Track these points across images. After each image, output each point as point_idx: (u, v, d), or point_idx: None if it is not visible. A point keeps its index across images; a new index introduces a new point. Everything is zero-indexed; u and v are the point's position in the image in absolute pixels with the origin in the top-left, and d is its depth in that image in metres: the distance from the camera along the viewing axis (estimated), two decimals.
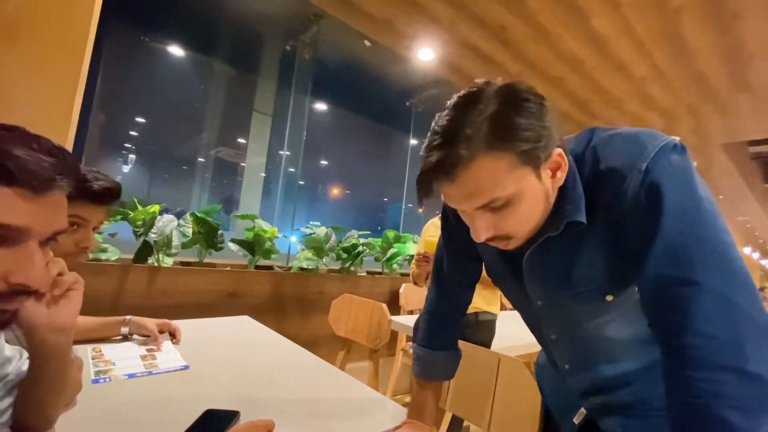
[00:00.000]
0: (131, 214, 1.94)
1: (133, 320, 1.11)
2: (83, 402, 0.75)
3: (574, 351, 0.70)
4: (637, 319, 0.62)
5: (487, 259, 0.76)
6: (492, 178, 0.49)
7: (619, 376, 0.67)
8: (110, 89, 5.05)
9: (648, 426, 0.65)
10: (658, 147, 0.50)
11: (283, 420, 0.79)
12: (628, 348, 0.66)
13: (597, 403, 0.70)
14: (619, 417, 0.68)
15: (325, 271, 2.80)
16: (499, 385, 1.03)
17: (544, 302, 0.66)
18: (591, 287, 0.59)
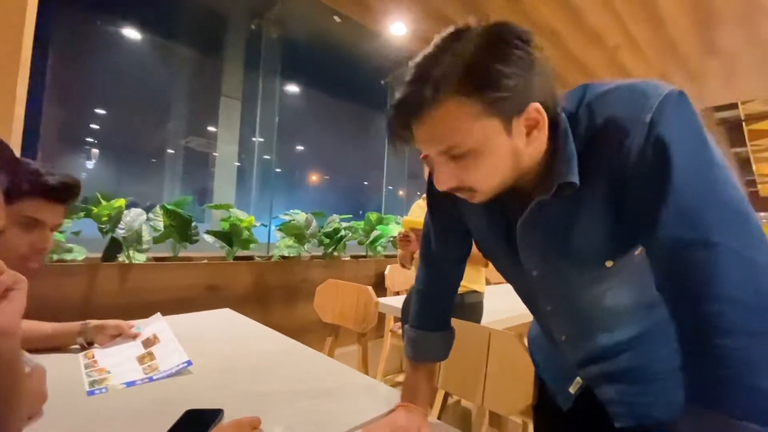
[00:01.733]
0: (95, 210, 1.82)
1: (91, 326, 1.01)
2: (79, 417, 0.70)
3: (571, 322, 0.68)
4: (636, 286, 0.60)
5: (478, 232, 0.73)
6: (455, 124, 0.46)
7: (617, 344, 0.66)
8: (63, 79, 4.71)
9: (646, 390, 0.65)
10: (662, 96, 0.45)
11: (274, 412, 0.75)
12: (627, 315, 0.64)
13: (594, 372, 0.69)
14: (617, 384, 0.67)
15: (308, 257, 2.74)
16: (491, 359, 1.02)
17: (540, 272, 0.63)
18: (589, 254, 0.56)
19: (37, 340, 0.96)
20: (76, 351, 0.98)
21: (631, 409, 0.65)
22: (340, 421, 0.73)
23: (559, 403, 0.75)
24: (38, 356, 0.93)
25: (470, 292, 1.59)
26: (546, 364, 0.82)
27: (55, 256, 1.85)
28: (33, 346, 0.95)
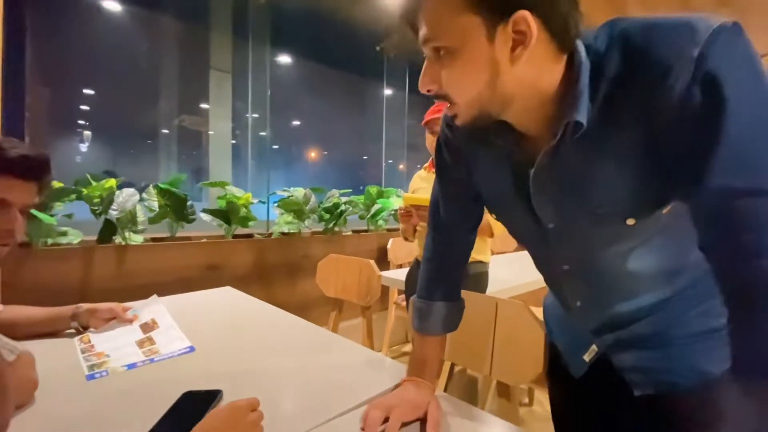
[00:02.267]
0: (85, 192, 1.76)
1: (83, 309, 0.98)
2: (78, 402, 0.67)
3: (587, 285, 0.63)
4: (661, 249, 0.55)
5: (489, 188, 0.67)
6: (437, 16, 0.46)
7: (637, 310, 0.61)
8: (45, 60, 4.53)
9: (666, 356, 0.61)
10: (713, 28, 0.39)
11: (277, 391, 0.73)
12: (649, 281, 0.59)
13: (611, 340, 0.65)
14: (633, 350, 0.63)
15: (308, 233, 2.70)
16: (498, 329, 0.99)
17: (556, 224, 0.57)
18: (610, 207, 0.51)
19: (28, 326, 0.93)
20: (71, 336, 0.95)
21: (649, 377, 0.62)
22: (344, 398, 0.71)
23: (571, 371, 0.73)
24: (31, 342, 0.91)
25: (475, 262, 1.56)
26: (560, 331, 0.79)
27: (49, 240, 1.81)
28: (24, 332, 0.92)
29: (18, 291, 1.55)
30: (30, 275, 1.60)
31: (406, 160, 5.61)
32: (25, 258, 1.60)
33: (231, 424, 0.52)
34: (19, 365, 0.67)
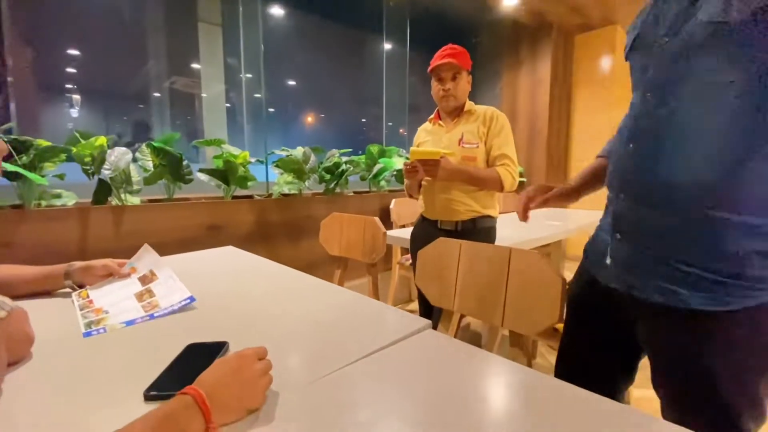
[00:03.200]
0: (75, 150, 1.69)
1: (76, 267, 0.93)
2: (75, 359, 0.65)
3: (664, 129, 0.63)
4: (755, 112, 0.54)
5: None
6: None
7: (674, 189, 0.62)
8: (23, 20, 4.27)
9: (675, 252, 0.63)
10: None
11: (284, 344, 0.69)
12: (720, 144, 0.57)
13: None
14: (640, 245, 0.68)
15: (309, 194, 2.65)
16: (511, 279, 0.95)
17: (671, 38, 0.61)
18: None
19: (21, 285, 0.90)
20: (68, 294, 0.92)
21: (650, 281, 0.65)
22: (352, 348, 0.68)
23: (594, 273, 0.79)
24: (27, 301, 0.88)
25: (483, 216, 1.51)
26: (594, 240, 0.83)
27: (43, 202, 1.76)
28: (18, 291, 0.89)
29: (13, 253, 1.52)
30: (24, 237, 1.56)
31: (407, 124, 5.45)
32: (18, 219, 1.55)
33: (239, 371, 0.49)
34: (11, 321, 0.63)
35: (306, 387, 0.57)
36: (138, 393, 0.53)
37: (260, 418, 0.49)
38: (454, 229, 1.50)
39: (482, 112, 1.51)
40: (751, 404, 0.62)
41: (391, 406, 0.52)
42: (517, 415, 0.50)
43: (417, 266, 1.16)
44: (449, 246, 1.10)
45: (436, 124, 1.60)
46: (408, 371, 0.61)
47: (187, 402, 0.44)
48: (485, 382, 0.60)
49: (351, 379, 0.59)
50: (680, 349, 0.65)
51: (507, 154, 1.47)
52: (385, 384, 0.58)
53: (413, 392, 0.55)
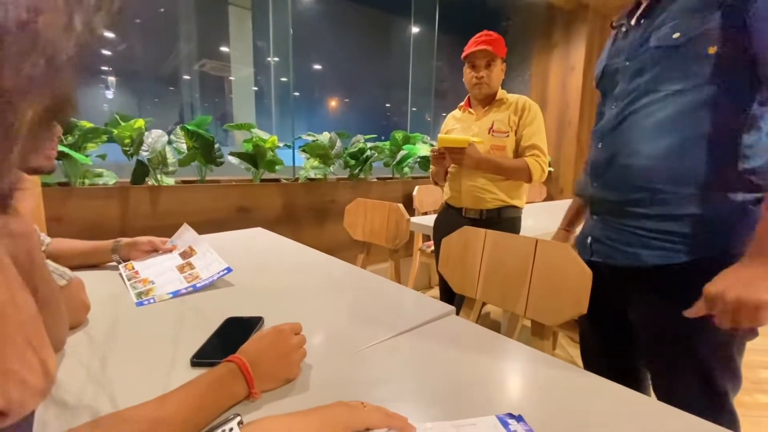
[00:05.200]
0: (115, 132, 1.77)
1: (123, 243, 1.01)
2: (129, 326, 0.71)
3: (624, 130, 0.82)
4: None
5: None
6: None
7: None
8: None
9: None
10: None
11: (315, 321, 0.74)
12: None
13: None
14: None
15: (334, 179, 2.68)
16: (536, 269, 0.96)
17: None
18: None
19: (73, 257, 0.97)
20: (115, 268, 0.99)
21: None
22: (380, 329, 0.71)
23: (582, 256, 0.90)
24: (78, 272, 0.95)
25: (510, 206, 1.50)
26: (582, 230, 1.01)
27: (86, 181, 1.86)
28: (70, 263, 0.96)
29: (63, 227, 1.63)
30: (72, 213, 1.67)
31: (432, 110, 5.37)
32: (66, 196, 1.66)
33: (276, 345, 0.53)
34: (70, 289, 0.69)
35: (336, 362, 0.60)
36: (185, 359, 0.58)
37: (296, 388, 0.53)
38: (478, 218, 1.50)
39: (514, 101, 1.48)
40: (722, 361, 0.73)
41: (415, 385, 0.55)
42: (540, 401, 0.52)
43: (441, 253, 1.18)
44: (474, 234, 1.11)
45: (466, 111, 1.59)
46: (432, 354, 0.64)
47: (232, 369, 0.48)
48: (508, 368, 0.62)
49: (378, 358, 0.62)
50: (651, 308, 0.81)
51: (537, 145, 1.44)
52: (409, 364, 0.61)
53: (437, 374, 0.58)
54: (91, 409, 0.38)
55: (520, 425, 0.44)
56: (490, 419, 0.45)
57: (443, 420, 0.45)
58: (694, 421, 0.48)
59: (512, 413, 0.46)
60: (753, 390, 1.74)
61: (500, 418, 0.45)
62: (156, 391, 0.42)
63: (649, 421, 0.48)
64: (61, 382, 0.53)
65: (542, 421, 0.46)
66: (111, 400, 0.40)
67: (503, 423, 0.44)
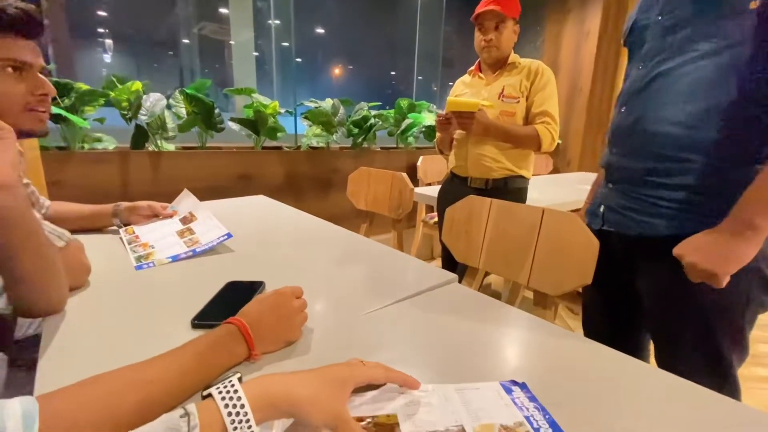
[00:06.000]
0: (113, 94, 1.73)
1: (123, 207, 1.00)
2: (129, 289, 0.71)
3: (649, 92, 0.77)
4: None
5: None
6: None
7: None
8: None
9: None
10: None
11: (317, 286, 0.73)
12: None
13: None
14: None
15: (336, 148, 2.64)
16: (541, 239, 0.94)
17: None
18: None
19: (74, 221, 0.96)
20: (115, 232, 0.99)
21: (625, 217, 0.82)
22: (382, 295, 0.71)
23: (591, 225, 0.90)
24: (79, 236, 0.95)
25: (516, 176, 1.47)
26: (593, 200, 0.97)
27: (85, 145, 1.84)
28: (70, 226, 0.95)
29: (63, 191, 1.62)
30: (71, 177, 1.65)
31: (439, 78, 5.18)
32: (65, 160, 1.64)
33: (277, 307, 0.52)
34: (69, 250, 0.69)
35: (338, 326, 0.60)
36: (185, 322, 0.58)
37: (297, 350, 0.53)
38: (484, 188, 1.47)
39: (527, 65, 1.42)
40: (731, 332, 0.73)
41: (417, 350, 0.55)
42: (543, 369, 0.51)
43: (445, 222, 1.16)
44: (479, 204, 1.09)
45: (476, 76, 1.52)
46: (434, 320, 0.63)
47: (231, 330, 0.47)
48: (511, 335, 0.61)
49: (379, 323, 0.61)
50: (660, 278, 0.78)
51: (549, 112, 1.39)
52: (411, 330, 0.60)
53: (439, 339, 0.57)
54: (91, 370, 0.37)
55: (523, 392, 0.43)
56: (493, 384, 0.44)
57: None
58: (698, 389, 0.47)
59: (516, 380, 0.46)
60: (750, 363, 1.76)
61: (503, 384, 0.45)
62: (156, 351, 0.42)
63: (653, 388, 0.47)
64: (61, 342, 0.53)
65: (545, 387, 0.45)
66: (111, 360, 0.39)
67: (506, 389, 0.44)
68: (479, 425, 0.37)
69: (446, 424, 0.37)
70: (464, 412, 0.39)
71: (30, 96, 0.65)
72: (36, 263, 0.52)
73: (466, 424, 0.37)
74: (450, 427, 0.37)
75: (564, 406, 0.42)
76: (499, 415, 0.39)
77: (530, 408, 0.40)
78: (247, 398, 0.33)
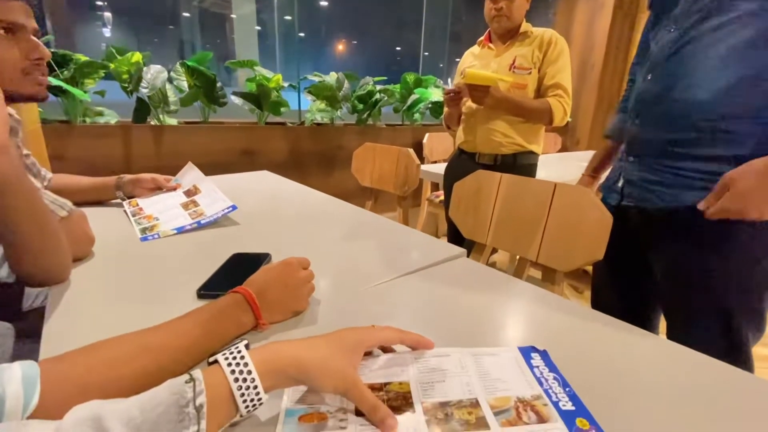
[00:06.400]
0: (113, 66, 1.68)
1: (126, 179, 0.99)
2: (134, 260, 0.70)
3: (680, 59, 0.72)
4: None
5: None
6: None
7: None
8: None
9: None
10: None
11: (323, 260, 0.72)
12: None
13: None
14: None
15: (341, 125, 2.59)
16: (552, 214, 0.92)
17: None
18: None
19: (77, 193, 0.95)
20: (118, 205, 0.97)
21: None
22: (390, 268, 0.69)
23: (608, 201, 0.88)
24: (82, 209, 0.93)
25: (526, 152, 1.43)
26: (608, 175, 0.95)
27: (87, 119, 1.81)
28: (74, 198, 0.94)
29: (66, 166, 1.61)
30: (74, 151, 1.63)
31: (447, 53, 5.04)
32: (67, 134, 1.62)
33: (284, 276, 0.51)
34: (72, 220, 0.67)
35: (346, 298, 0.59)
36: (191, 292, 0.57)
37: (304, 320, 0.52)
38: (493, 164, 1.43)
39: (539, 35, 1.35)
40: (748, 308, 0.71)
41: (427, 321, 0.54)
42: (555, 340, 0.50)
43: (452, 198, 1.14)
44: (488, 178, 1.06)
45: (486, 47, 1.46)
46: (444, 292, 0.62)
47: (237, 299, 0.46)
48: (523, 307, 0.60)
49: (388, 294, 0.60)
50: (679, 253, 0.76)
51: (562, 84, 1.34)
52: (420, 301, 0.59)
53: (450, 311, 0.56)
54: (96, 337, 0.36)
55: (543, 361, 0.42)
56: (510, 350, 0.43)
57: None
58: (713, 362, 0.46)
59: (536, 347, 0.44)
60: (762, 344, 1.75)
61: (522, 350, 0.43)
62: (162, 320, 0.41)
63: (666, 361, 0.46)
64: (67, 311, 0.53)
65: (558, 359, 0.44)
66: (116, 328, 0.39)
67: (525, 356, 0.43)
68: (494, 398, 0.36)
69: (460, 395, 0.36)
70: (479, 382, 0.38)
71: (26, 60, 0.63)
72: (32, 228, 0.51)
73: (480, 396, 0.36)
74: (464, 398, 0.36)
75: (580, 379, 0.41)
76: (516, 387, 0.37)
77: (549, 379, 0.39)
78: (255, 365, 0.32)
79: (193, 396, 0.28)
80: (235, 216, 0.92)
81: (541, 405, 0.35)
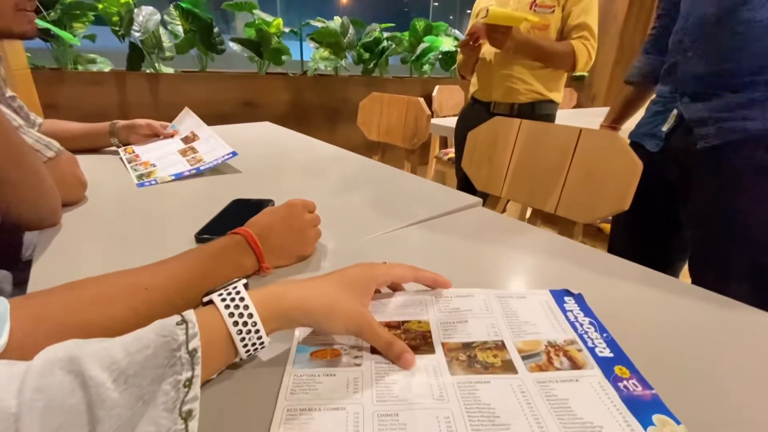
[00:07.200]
0: (101, 6, 1.57)
1: (120, 125, 0.93)
2: (130, 206, 0.66)
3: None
4: None
5: None
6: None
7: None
8: None
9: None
10: None
11: (328, 207, 0.68)
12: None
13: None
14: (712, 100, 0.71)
15: (346, 75, 2.45)
16: (575, 163, 0.86)
17: None
18: None
19: (69, 140, 0.89)
20: (113, 153, 0.92)
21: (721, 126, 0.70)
22: (403, 215, 0.65)
23: (647, 148, 0.84)
24: (76, 156, 0.89)
25: (545, 101, 1.33)
26: (643, 122, 0.89)
27: (79, 67, 1.72)
28: (66, 145, 0.89)
29: (59, 114, 1.54)
30: (66, 99, 1.56)
31: (458, 2, 4.69)
32: (58, 80, 1.54)
33: (289, 218, 0.46)
34: (60, 162, 0.63)
35: (356, 244, 0.55)
36: (189, 236, 0.53)
37: (310, 265, 0.48)
38: (509, 113, 1.34)
39: None
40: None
41: (442, 265, 0.49)
42: (583, 285, 0.46)
43: (466, 148, 1.07)
44: (506, 126, 0.99)
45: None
46: (460, 239, 0.58)
47: (238, 240, 0.42)
48: (544, 252, 0.55)
49: (400, 241, 0.56)
50: (712, 201, 0.72)
51: (587, 24, 1.22)
52: (435, 247, 0.55)
53: (466, 256, 0.52)
54: (86, 274, 0.33)
55: (578, 304, 0.38)
56: (541, 293, 0.39)
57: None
58: (746, 308, 0.42)
59: (570, 290, 0.40)
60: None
61: (554, 293, 0.39)
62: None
63: (710, 314, 0.42)
64: (57, 250, 0.49)
65: (594, 306, 0.40)
66: (108, 267, 0.35)
67: (557, 299, 0.39)
68: (522, 341, 0.32)
69: (484, 336, 0.33)
70: (505, 324, 0.34)
71: (14, 8, 0.59)
72: (11, 164, 0.46)
73: (506, 338, 0.33)
74: (488, 339, 0.32)
75: (619, 329, 0.37)
76: (547, 330, 0.34)
77: (585, 323, 0.35)
78: (255, 306, 0.28)
79: (185, 339, 0.24)
80: (235, 163, 0.87)
81: (575, 350, 0.32)
